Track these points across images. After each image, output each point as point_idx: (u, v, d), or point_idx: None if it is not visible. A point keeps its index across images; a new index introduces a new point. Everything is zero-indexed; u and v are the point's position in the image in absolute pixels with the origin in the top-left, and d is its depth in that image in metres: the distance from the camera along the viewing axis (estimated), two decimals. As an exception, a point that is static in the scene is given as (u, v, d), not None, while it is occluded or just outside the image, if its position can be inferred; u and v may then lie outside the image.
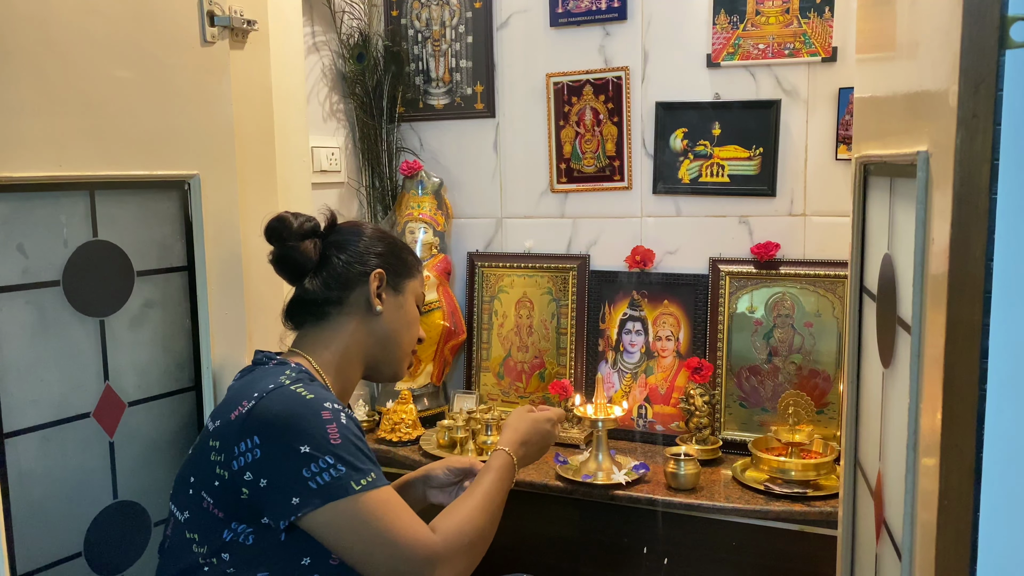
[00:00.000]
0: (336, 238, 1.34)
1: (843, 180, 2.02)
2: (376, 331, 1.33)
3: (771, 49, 2.05)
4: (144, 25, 1.35)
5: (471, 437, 2.11)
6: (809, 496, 1.78)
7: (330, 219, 1.37)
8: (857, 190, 1.12)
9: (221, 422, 1.14)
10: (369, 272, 1.32)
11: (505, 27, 2.35)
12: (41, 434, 1.23)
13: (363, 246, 1.34)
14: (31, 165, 1.20)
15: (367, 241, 1.35)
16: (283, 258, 1.31)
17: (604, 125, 2.26)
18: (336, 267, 1.31)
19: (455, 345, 2.38)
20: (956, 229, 0.67)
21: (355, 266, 1.32)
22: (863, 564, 1.11)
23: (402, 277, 1.37)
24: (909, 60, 0.87)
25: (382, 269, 1.33)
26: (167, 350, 1.41)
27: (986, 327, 0.66)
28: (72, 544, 1.26)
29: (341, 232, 1.36)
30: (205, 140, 1.46)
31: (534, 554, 1.95)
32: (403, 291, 1.37)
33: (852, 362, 1.16)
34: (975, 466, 0.67)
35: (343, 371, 1.31)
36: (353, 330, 1.31)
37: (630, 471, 1.90)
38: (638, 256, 2.21)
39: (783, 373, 2.06)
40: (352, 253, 1.32)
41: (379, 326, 1.33)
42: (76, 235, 1.27)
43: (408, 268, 1.39)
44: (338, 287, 1.30)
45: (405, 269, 1.38)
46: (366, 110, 2.42)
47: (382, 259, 1.34)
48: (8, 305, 1.18)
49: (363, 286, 1.31)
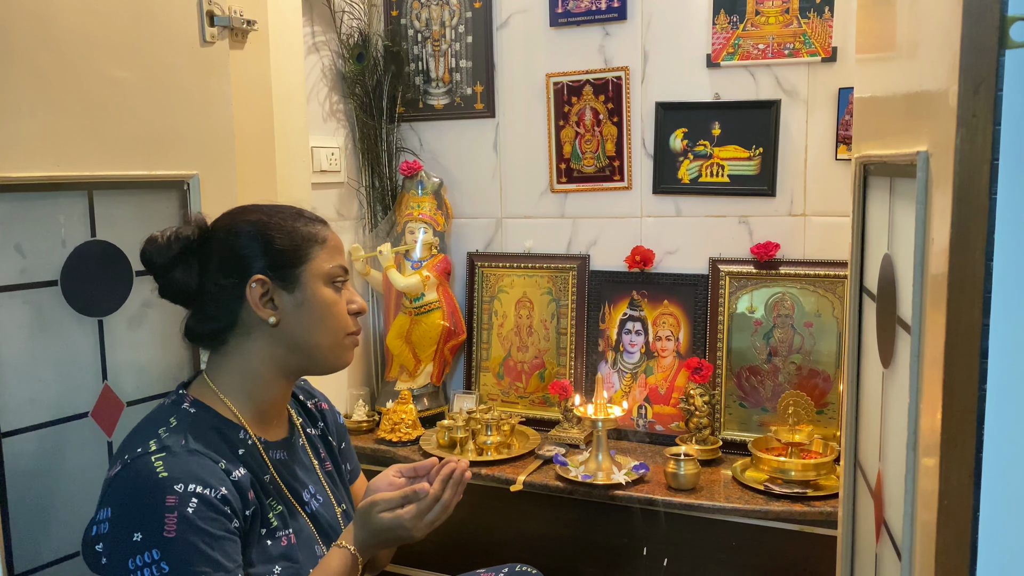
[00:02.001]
0: (207, 251, 1.17)
1: (843, 180, 2.01)
2: (283, 340, 1.17)
3: (771, 49, 2.05)
4: (144, 25, 1.35)
5: (471, 437, 2.11)
6: (809, 496, 1.78)
7: (199, 224, 1.19)
8: (857, 190, 1.12)
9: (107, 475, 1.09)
10: (244, 283, 1.14)
11: (505, 27, 2.35)
12: (39, 434, 1.22)
13: (235, 252, 1.16)
14: (30, 165, 1.19)
15: (238, 243, 1.16)
16: (165, 289, 1.17)
17: (604, 125, 2.26)
18: (212, 291, 1.16)
19: (455, 345, 2.38)
20: (956, 229, 0.67)
21: (230, 282, 1.15)
22: (863, 564, 1.11)
23: (293, 267, 1.16)
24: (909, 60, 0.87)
25: (260, 273, 1.14)
26: (165, 350, 1.41)
27: (986, 327, 0.66)
28: (70, 544, 1.26)
29: (212, 241, 1.18)
30: (205, 140, 1.46)
31: (534, 554, 1.95)
32: (300, 283, 1.16)
33: (852, 362, 1.16)
34: (975, 466, 0.67)
35: (255, 393, 1.18)
36: (257, 349, 1.16)
37: (630, 471, 1.90)
38: (638, 256, 2.21)
39: (783, 373, 2.06)
40: (224, 267, 1.15)
41: (284, 334, 1.16)
42: (74, 235, 1.27)
43: (299, 251, 1.17)
44: (223, 311, 1.16)
45: (295, 255, 1.16)
46: (366, 110, 2.42)
47: (261, 259, 1.15)
48: (6, 305, 1.18)
49: (247, 301, 1.15)
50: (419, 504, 1.16)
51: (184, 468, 1.04)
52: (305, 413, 1.35)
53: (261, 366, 1.17)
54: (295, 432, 1.28)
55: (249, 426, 1.17)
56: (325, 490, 1.28)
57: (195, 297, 1.18)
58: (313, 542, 1.20)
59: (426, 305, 2.32)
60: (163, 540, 0.99)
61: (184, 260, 1.16)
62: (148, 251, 1.16)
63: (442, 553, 2.11)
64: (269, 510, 1.15)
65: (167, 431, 1.09)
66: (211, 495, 1.04)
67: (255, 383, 1.18)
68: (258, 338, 1.17)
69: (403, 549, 1.66)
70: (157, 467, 1.03)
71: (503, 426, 2.12)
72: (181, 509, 1.01)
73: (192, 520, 1.01)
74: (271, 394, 1.20)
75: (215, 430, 1.13)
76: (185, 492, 1.02)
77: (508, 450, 2.11)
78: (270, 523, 1.14)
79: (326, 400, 1.42)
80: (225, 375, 1.18)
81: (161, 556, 0.99)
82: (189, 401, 1.15)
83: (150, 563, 0.99)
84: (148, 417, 1.15)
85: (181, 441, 1.08)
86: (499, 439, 2.11)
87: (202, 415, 1.14)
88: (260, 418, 1.20)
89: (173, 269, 1.15)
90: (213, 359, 1.20)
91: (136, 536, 1.00)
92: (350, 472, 1.40)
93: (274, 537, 1.14)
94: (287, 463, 1.22)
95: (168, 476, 1.02)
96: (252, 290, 1.14)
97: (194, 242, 1.17)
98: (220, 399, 1.17)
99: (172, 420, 1.11)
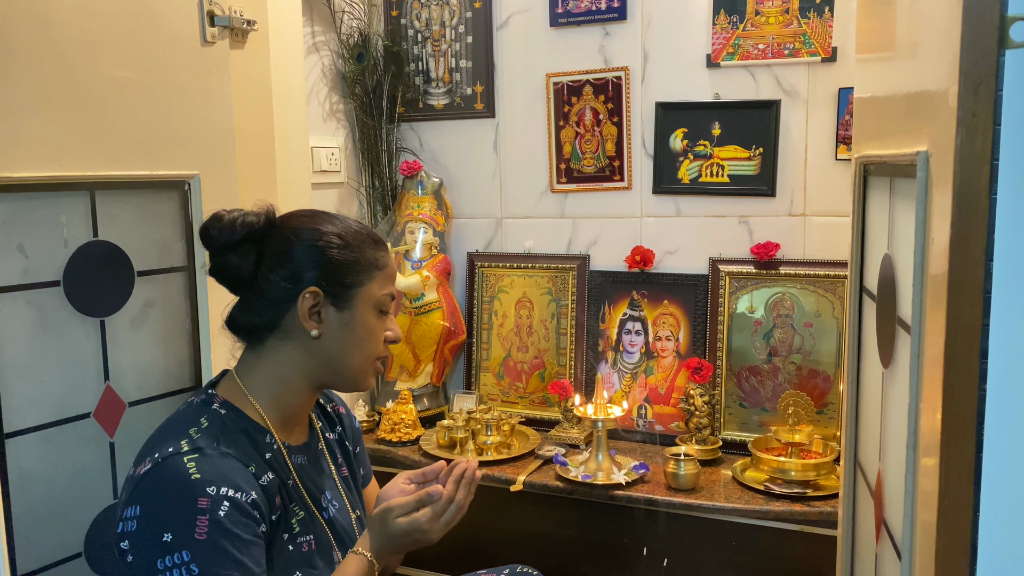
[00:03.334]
0: (269, 246, 1.16)
1: (843, 180, 2.02)
2: (319, 353, 1.16)
3: (771, 49, 2.05)
4: (144, 25, 1.35)
5: (471, 437, 2.11)
6: (809, 496, 1.78)
7: (268, 216, 1.18)
8: (857, 190, 1.12)
9: (130, 472, 1.09)
10: (298, 292, 1.13)
11: (505, 27, 2.35)
12: (41, 434, 1.22)
13: (296, 256, 1.14)
14: (31, 165, 1.19)
15: (302, 248, 1.14)
16: (217, 269, 1.16)
17: (604, 125, 2.26)
18: (263, 287, 1.15)
19: (455, 345, 2.38)
20: (956, 229, 0.67)
21: (283, 284, 1.14)
22: (863, 564, 1.11)
23: (349, 287, 1.16)
24: (909, 60, 0.87)
25: (316, 286, 1.13)
26: (167, 350, 1.41)
27: (986, 327, 0.66)
28: (72, 544, 1.26)
29: (275, 236, 1.17)
30: (205, 140, 1.46)
31: (534, 554, 1.95)
32: (351, 303, 1.16)
33: (852, 362, 1.16)
34: (975, 466, 0.67)
35: (283, 398, 1.18)
36: (291, 356, 1.16)
37: (630, 471, 1.90)
38: (638, 256, 2.21)
39: (783, 373, 2.06)
40: (282, 267, 1.14)
41: (321, 348, 1.16)
42: (76, 235, 1.27)
43: (359, 273, 1.17)
44: (268, 310, 1.15)
45: (354, 275, 1.16)
46: (366, 110, 2.42)
47: (319, 271, 1.14)
48: (8, 305, 1.18)
49: (296, 307, 1.14)
50: (434, 506, 1.16)
51: (217, 471, 1.04)
52: (324, 417, 1.35)
53: (292, 373, 1.17)
54: (315, 437, 1.28)
55: (274, 430, 1.17)
56: (341, 496, 1.28)
57: (245, 287, 1.16)
58: (330, 548, 1.20)
59: (426, 305, 2.32)
60: (194, 542, 0.99)
61: (244, 246, 1.14)
62: (211, 228, 1.14)
63: (442, 553, 2.11)
64: (292, 515, 1.15)
65: (199, 432, 1.09)
66: (242, 499, 1.03)
67: (283, 388, 1.18)
68: (294, 346, 1.16)
69: (404, 549, 1.65)
70: (190, 468, 1.03)
71: (503, 426, 2.13)
72: (213, 512, 1.00)
73: (223, 523, 1.00)
74: (297, 400, 1.20)
75: (244, 433, 1.13)
76: (217, 495, 1.02)
77: (508, 450, 2.11)
78: (292, 528, 1.14)
79: (343, 404, 1.42)
80: (255, 376, 1.18)
81: (191, 558, 0.99)
82: (219, 402, 1.15)
83: (180, 564, 0.98)
84: (177, 416, 1.15)
85: (213, 443, 1.08)
86: (499, 439, 2.11)
87: (232, 417, 1.14)
88: (284, 422, 1.20)
89: (231, 252, 1.14)
90: (246, 357, 1.20)
91: (166, 536, 1.00)
92: (363, 477, 1.40)
93: (295, 543, 1.14)
94: (307, 468, 1.22)
95: (201, 478, 1.02)
96: (304, 300, 1.13)
97: (258, 231, 1.15)
98: (249, 401, 1.16)
99: (203, 421, 1.11)
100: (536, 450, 2.10)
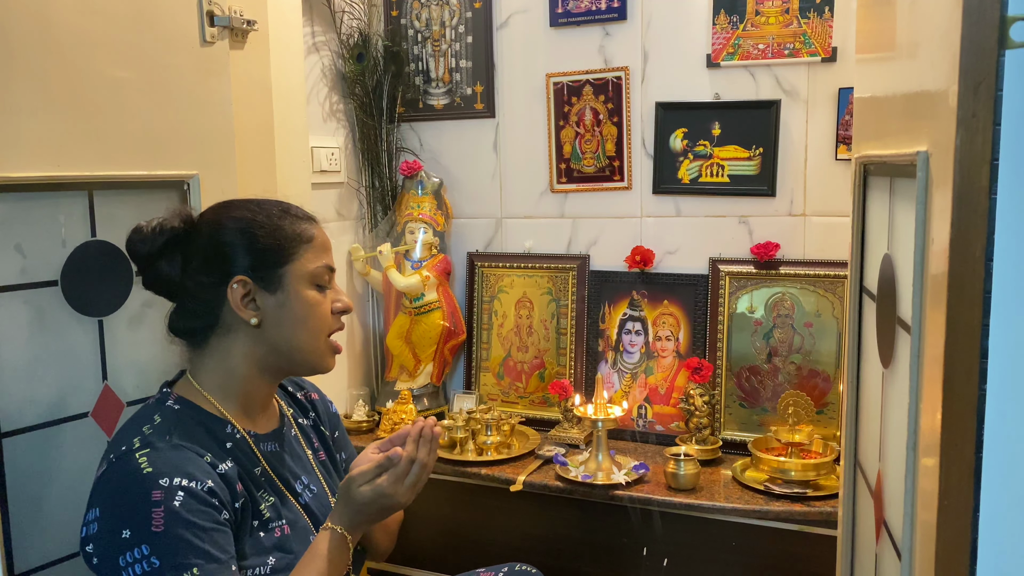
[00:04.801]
0: (191, 247, 1.15)
1: (843, 180, 2.01)
2: (266, 341, 1.16)
3: (771, 49, 2.05)
4: (144, 25, 1.35)
5: (471, 437, 2.11)
6: (809, 496, 1.78)
7: (184, 218, 1.17)
8: (857, 190, 1.12)
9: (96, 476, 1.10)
10: (226, 283, 1.13)
11: (505, 27, 2.35)
12: (39, 434, 1.23)
13: (216, 250, 1.14)
14: (30, 165, 1.19)
15: (219, 241, 1.14)
16: (149, 280, 1.17)
17: (604, 125, 2.26)
18: (193, 288, 1.15)
19: (455, 345, 2.38)
20: (956, 229, 0.67)
21: (210, 281, 1.14)
22: (863, 564, 1.11)
23: (275, 267, 1.14)
24: (909, 60, 0.87)
25: (242, 275, 1.13)
26: (165, 350, 1.40)
27: (986, 327, 0.66)
28: (69, 544, 1.26)
29: (195, 236, 1.16)
30: (205, 140, 1.46)
31: (534, 554, 1.95)
32: (282, 284, 1.15)
33: (852, 362, 1.16)
34: (975, 466, 0.67)
35: (239, 390, 1.17)
36: (239, 348, 1.16)
37: (630, 471, 1.90)
38: (638, 256, 2.21)
39: (783, 373, 2.06)
40: (205, 264, 1.14)
41: (266, 335, 1.15)
42: (74, 235, 1.27)
43: (283, 252, 1.15)
44: (204, 310, 1.15)
45: (278, 255, 1.15)
46: (366, 110, 2.42)
47: (241, 259, 1.13)
48: (6, 305, 1.18)
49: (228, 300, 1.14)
50: (394, 470, 1.14)
51: (168, 462, 1.04)
52: (295, 404, 1.35)
53: (243, 365, 1.17)
54: (286, 423, 1.28)
55: (236, 420, 1.17)
56: (319, 480, 1.28)
57: (177, 292, 1.17)
58: (308, 532, 1.20)
59: (426, 305, 2.32)
60: (151, 535, 0.99)
61: (168, 252, 1.15)
62: (133, 240, 1.15)
63: (442, 553, 2.11)
64: (261, 502, 1.15)
65: (151, 428, 1.09)
66: (197, 487, 1.03)
67: (238, 381, 1.18)
68: (239, 338, 1.16)
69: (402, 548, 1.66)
70: (141, 463, 1.03)
71: (503, 426, 2.12)
72: (168, 503, 1.01)
73: (179, 513, 1.01)
74: (255, 391, 1.20)
75: (200, 425, 1.13)
76: (171, 486, 1.02)
77: (508, 450, 2.11)
78: (262, 515, 1.15)
79: (316, 390, 1.42)
80: (207, 373, 1.18)
81: (151, 551, 0.99)
82: (174, 399, 1.15)
83: (140, 559, 0.99)
84: (133, 416, 1.15)
85: (165, 437, 1.08)
86: (499, 439, 2.11)
87: (187, 411, 1.14)
88: (246, 413, 1.20)
89: (157, 261, 1.15)
90: (195, 358, 1.19)
91: (125, 533, 1.00)
92: (345, 461, 1.40)
93: (267, 529, 1.14)
94: (279, 454, 1.22)
95: (153, 471, 1.02)
96: (233, 291, 1.13)
97: (179, 235, 1.15)
98: (204, 396, 1.17)
99: (156, 417, 1.12)
100: (536, 450, 2.10)
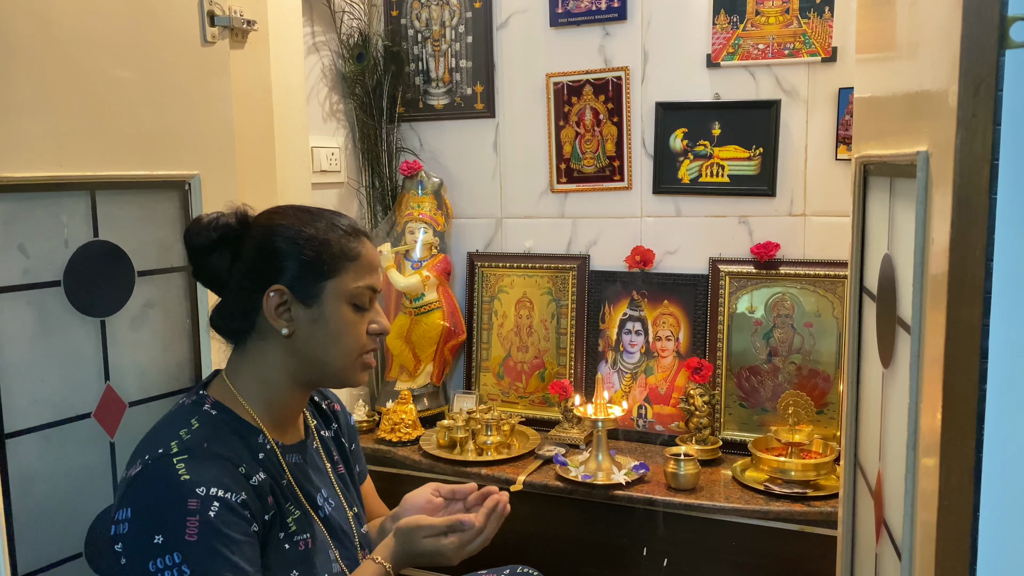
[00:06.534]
0: (243, 246, 1.16)
1: (843, 180, 2.02)
2: (297, 352, 1.15)
3: (771, 49, 2.05)
4: (144, 25, 1.35)
5: (471, 437, 2.11)
6: (809, 496, 1.78)
7: (239, 216, 1.18)
8: (857, 190, 1.12)
9: (123, 474, 1.09)
10: (263, 290, 1.13)
11: (505, 27, 2.35)
12: (42, 434, 1.22)
13: (261, 255, 1.14)
14: (32, 165, 1.19)
15: (266, 246, 1.14)
16: (197, 271, 1.18)
17: (604, 125, 2.26)
18: (235, 288, 1.15)
19: (455, 345, 2.38)
20: (956, 229, 0.67)
21: (252, 284, 1.14)
22: (863, 564, 1.11)
23: (318, 280, 1.13)
24: (909, 60, 0.87)
25: (280, 284, 1.12)
26: (167, 350, 1.41)
27: (986, 327, 0.66)
28: (73, 544, 1.26)
29: (248, 237, 1.16)
30: (205, 140, 1.46)
31: (534, 554, 1.95)
32: (320, 299, 1.13)
33: (852, 362, 1.16)
34: (975, 466, 0.67)
35: (272, 398, 1.17)
36: (272, 356, 1.16)
37: (630, 471, 1.90)
38: (638, 256, 2.21)
39: (783, 373, 2.06)
40: (249, 267, 1.14)
41: (298, 346, 1.15)
42: (77, 235, 1.27)
43: (324, 267, 1.13)
44: (241, 312, 1.15)
45: (319, 270, 1.13)
46: (366, 110, 2.42)
47: (283, 268, 1.13)
48: (9, 305, 1.18)
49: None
50: (463, 535, 1.18)
51: (206, 471, 1.04)
52: (320, 415, 1.34)
53: (276, 373, 1.17)
54: (310, 435, 1.27)
55: (266, 429, 1.17)
56: (337, 494, 1.28)
57: (223, 288, 1.18)
58: (327, 547, 1.20)
59: (426, 305, 2.32)
60: (185, 543, 0.99)
61: (220, 248, 1.15)
62: (191, 231, 1.16)
63: (442, 553, 2.10)
64: (288, 514, 1.15)
65: (189, 433, 1.09)
66: (232, 499, 1.03)
67: (271, 389, 1.17)
68: (273, 345, 1.16)
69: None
70: (179, 469, 1.03)
71: (503, 426, 2.13)
72: (203, 513, 1.00)
73: (214, 524, 1.00)
74: (287, 400, 1.19)
75: (235, 433, 1.13)
76: (207, 496, 1.01)
77: (508, 450, 2.11)
78: (288, 527, 1.14)
79: (339, 401, 1.41)
80: (243, 377, 1.18)
81: (183, 559, 0.99)
82: (210, 403, 1.15)
83: (171, 566, 0.98)
84: (169, 417, 1.15)
85: (203, 444, 1.08)
86: (499, 439, 2.11)
87: (223, 417, 1.14)
88: (277, 422, 1.19)
89: (209, 254, 1.15)
90: (233, 358, 1.20)
91: (157, 538, 0.99)
92: (359, 473, 1.40)
93: (292, 541, 1.14)
94: (302, 467, 1.22)
95: (190, 479, 1.02)
96: (269, 299, 1.13)
97: (233, 232, 1.16)
98: (239, 401, 1.16)
99: (193, 422, 1.11)
100: (536, 450, 2.10)
